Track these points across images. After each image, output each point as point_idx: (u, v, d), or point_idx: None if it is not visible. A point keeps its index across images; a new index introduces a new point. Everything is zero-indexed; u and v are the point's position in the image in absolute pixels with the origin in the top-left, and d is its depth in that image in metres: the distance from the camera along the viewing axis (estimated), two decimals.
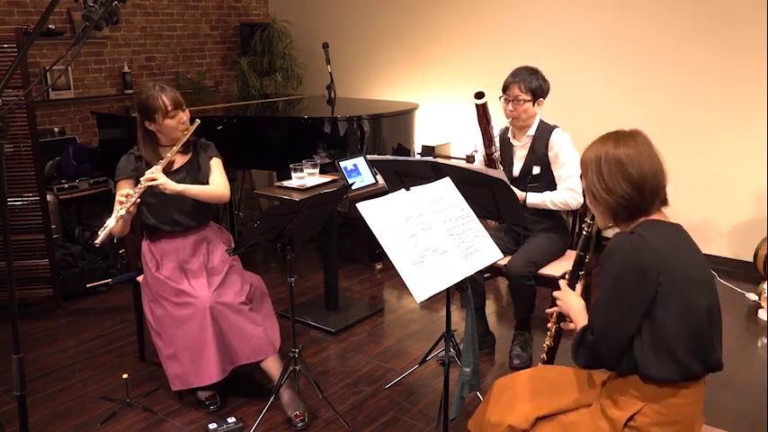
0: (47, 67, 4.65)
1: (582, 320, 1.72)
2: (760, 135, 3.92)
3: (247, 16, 6.23)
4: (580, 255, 1.90)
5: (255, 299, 2.79)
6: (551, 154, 2.91)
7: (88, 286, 3.96)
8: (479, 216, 2.15)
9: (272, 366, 2.66)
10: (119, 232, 2.60)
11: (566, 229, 3.09)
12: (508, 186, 2.54)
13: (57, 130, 4.86)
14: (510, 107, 2.91)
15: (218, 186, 2.76)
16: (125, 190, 2.61)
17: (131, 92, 5.23)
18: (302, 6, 6.08)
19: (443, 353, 2.19)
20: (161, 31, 5.56)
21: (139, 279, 2.87)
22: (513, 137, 3.04)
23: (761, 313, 3.56)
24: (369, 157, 3.32)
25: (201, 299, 2.58)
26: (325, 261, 3.62)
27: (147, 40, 5.47)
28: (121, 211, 2.50)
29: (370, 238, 4.15)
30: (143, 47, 5.45)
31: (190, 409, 2.71)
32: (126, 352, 3.22)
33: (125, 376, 2.70)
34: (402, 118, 4.36)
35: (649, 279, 1.51)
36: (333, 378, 2.97)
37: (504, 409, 1.77)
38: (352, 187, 3.15)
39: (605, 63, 4.46)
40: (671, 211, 1.68)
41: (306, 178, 3.29)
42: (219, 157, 2.84)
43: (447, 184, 2.14)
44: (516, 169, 3.01)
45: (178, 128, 2.68)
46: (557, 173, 2.92)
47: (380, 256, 4.32)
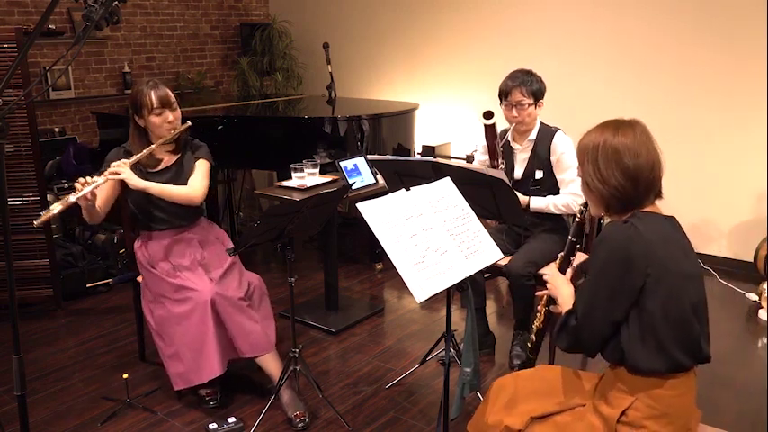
0: (47, 67, 4.65)
1: (568, 304, 1.74)
2: (760, 135, 3.92)
3: (248, 16, 6.23)
4: (572, 241, 1.91)
5: (254, 298, 2.79)
6: (554, 158, 2.90)
7: (88, 286, 3.96)
8: (479, 216, 2.15)
9: (270, 364, 2.66)
10: (89, 218, 2.55)
11: (566, 229, 3.07)
12: (508, 186, 2.53)
13: (57, 130, 4.86)
14: (514, 113, 2.88)
15: (189, 187, 2.69)
16: (86, 178, 2.48)
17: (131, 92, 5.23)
18: (302, 6, 6.08)
19: (444, 353, 2.19)
20: (161, 31, 5.56)
21: (139, 279, 2.86)
22: (514, 140, 3.02)
23: (761, 313, 3.56)
24: (369, 157, 3.32)
25: (202, 291, 2.57)
26: (326, 261, 3.62)
27: (148, 40, 5.47)
28: (71, 197, 2.38)
29: (370, 238, 4.16)
30: (143, 47, 5.45)
31: (190, 409, 2.71)
32: (126, 352, 3.23)
33: (125, 376, 2.70)
34: (402, 118, 4.36)
35: (637, 268, 1.52)
36: (333, 378, 2.97)
37: (502, 409, 1.77)
38: (353, 187, 3.15)
39: (605, 63, 4.45)
40: (671, 208, 1.68)
41: (306, 178, 3.29)
42: (208, 160, 2.79)
43: (447, 184, 2.14)
44: (518, 173, 3.00)
45: (163, 126, 2.66)
46: (559, 177, 2.91)
47: (381, 255, 4.32)
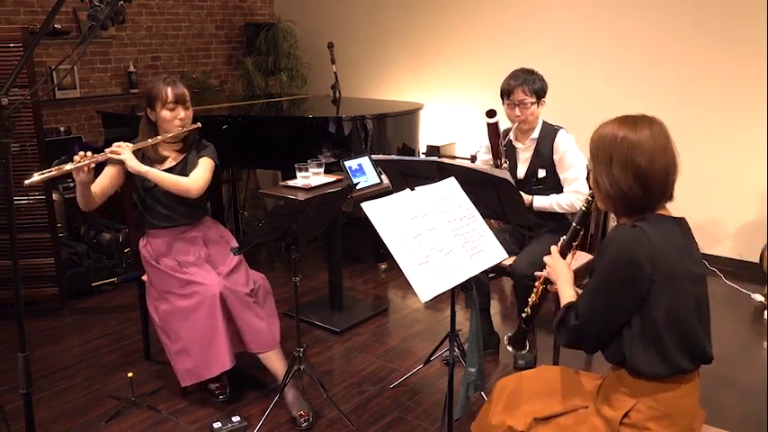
0: (53, 67, 4.66)
1: (565, 288, 1.73)
2: (760, 135, 3.90)
3: (252, 16, 6.24)
4: (576, 228, 1.89)
5: (259, 297, 2.79)
6: (556, 157, 2.89)
7: (93, 285, 3.97)
8: (484, 216, 2.14)
9: (275, 362, 2.66)
10: (83, 202, 2.62)
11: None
12: (513, 187, 2.53)
13: (62, 129, 4.88)
14: (517, 112, 2.87)
15: (189, 179, 2.71)
16: (87, 152, 2.55)
17: (137, 91, 5.25)
18: (307, 6, 6.08)
19: (448, 353, 2.19)
20: (166, 30, 5.58)
21: (144, 278, 2.87)
22: (516, 139, 3.02)
23: (766, 314, 3.55)
24: (373, 156, 3.32)
25: (210, 285, 2.58)
26: (330, 261, 3.62)
27: (153, 39, 5.48)
28: (67, 166, 2.47)
29: (374, 237, 4.15)
30: (148, 46, 5.46)
31: (195, 407, 2.72)
32: (131, 350, 3.23)
33: (130, 375, 2.70)
34: (407, 118, 4.36)
35: (642, 274, 1.51)
36: (337, 378, 2.97)
37: (505, 410, 1.76)
38: (357, 187, 3.14)
39: (607, 63, 4.45)
40: (674, 208, 1.67)
41: (311, 178, 3.30)
42: (212, 158, 2.80)
43: (452, 183, 2.14)
44: (521, 172, 2.99)
45: (174, 122, 2.70)
46: (562, 175, 2.90)
47: (385, 255, 4.32)
